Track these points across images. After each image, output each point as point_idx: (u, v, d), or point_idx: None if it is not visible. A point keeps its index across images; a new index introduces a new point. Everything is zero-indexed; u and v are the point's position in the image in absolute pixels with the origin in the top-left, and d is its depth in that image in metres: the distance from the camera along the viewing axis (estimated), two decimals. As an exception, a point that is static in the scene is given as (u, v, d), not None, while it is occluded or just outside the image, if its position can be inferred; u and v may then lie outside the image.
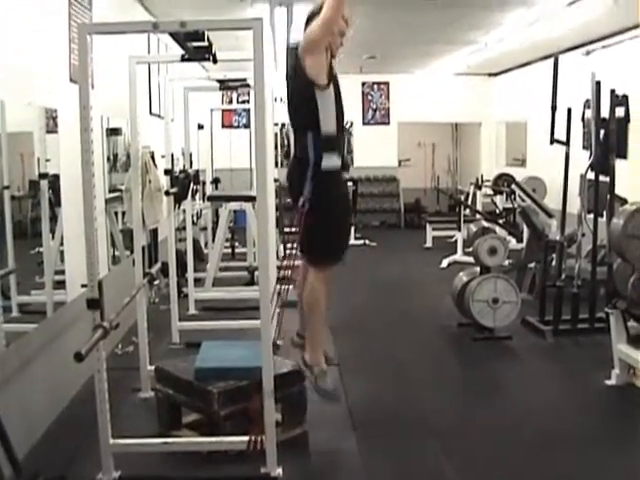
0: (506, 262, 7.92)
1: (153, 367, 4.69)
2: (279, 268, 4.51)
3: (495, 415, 4.83)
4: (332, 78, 4.05)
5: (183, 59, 4.34)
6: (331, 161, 4.03)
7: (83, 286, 3.64)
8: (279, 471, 3.73)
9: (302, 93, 4.04)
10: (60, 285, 4.97)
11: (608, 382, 5.26)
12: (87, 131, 3.42)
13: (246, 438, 3.73)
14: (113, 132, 6.67)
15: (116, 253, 6.68)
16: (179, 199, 6.37)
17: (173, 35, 3.86)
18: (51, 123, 4.84)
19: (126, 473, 3.76)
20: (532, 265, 8.03)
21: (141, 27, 3.62)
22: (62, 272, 5.00)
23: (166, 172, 6.08)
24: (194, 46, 4.04)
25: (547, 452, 4.16)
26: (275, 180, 7.71)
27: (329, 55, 4.05)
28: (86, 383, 4.96)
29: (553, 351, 6.22)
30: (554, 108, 6.65)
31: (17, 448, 3.45)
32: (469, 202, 12.63)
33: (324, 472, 3.99)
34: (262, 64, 3.42)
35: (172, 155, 6.24)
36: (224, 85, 6.49)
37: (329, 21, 3.86)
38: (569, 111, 6.67)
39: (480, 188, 13.01)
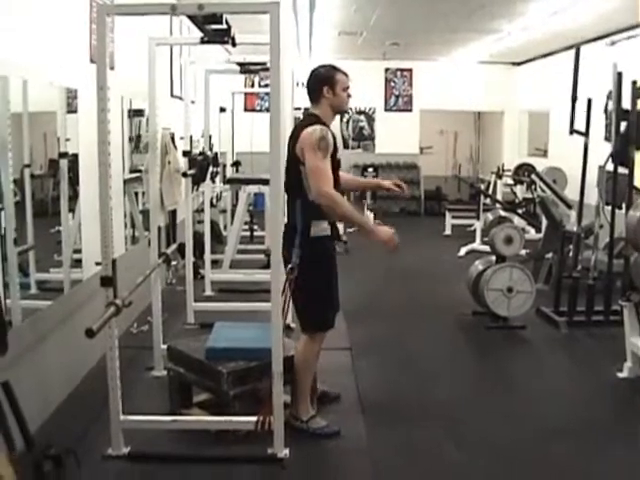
0: (523, 252, 7.92)
1: (166, 346, 4.76)
2: None
3: (506, 404, 4.84)
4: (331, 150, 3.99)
5: (202, 42, 4.36)
6: (320, 228, 4.02)
7: (97, 264, 3.69)
8: (286, 452, 3.79)
9: (292, 163, 4.03)
10: (78, 263, 5.03)
11: (620, 374, 5.26)
12: (104, 111, 3.47)
13: (254, 418, 3.79)
14: (136, 113, 6.72)
15: (135, 233, 6.74)
16: (197, 181, 6.41)
17: (191, 18, 3.89)
18: (72, 103, 4.89)
19: (135, 449, 3.84)
20: (549, 256, 8.01)
21: (159, 9, 3.63)
22: (80, 251, 5.07)
23: (184, 154, 6.11)
24: (213, 29, 4.06)
25: (557, 442, 4.17)
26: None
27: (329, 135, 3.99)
28: (101, 360, 5.03)
29: (567, 342, 6.22)
30: (574, 99, 6.62)
31: (30, 422, 3.51)
32: (489, 191, 12.59)
33: (330, 454, 4.02)
34: (278, 48, 3.45)
35: (190, 137, 6.26)
36: (244, 68, 6.51)
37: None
38: (589, 102, 6.63)
39: (501, 177, 12.95)
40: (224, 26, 3.96)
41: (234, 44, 4.32)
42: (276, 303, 3.72)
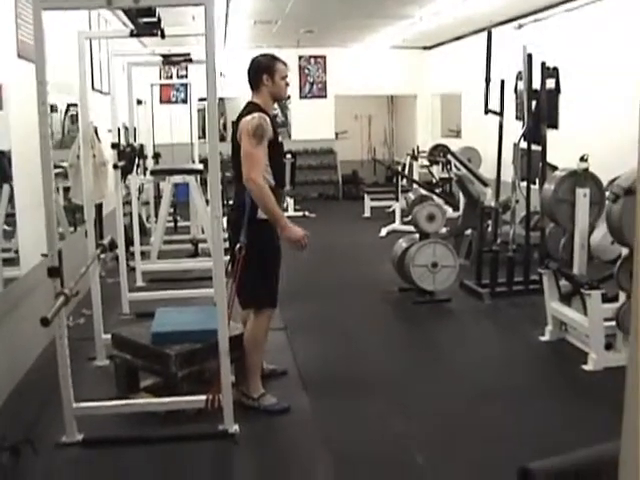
0: (443, 230, 8.21)
1: (108, 336, 4.84)
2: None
3: (437, 371, 5.12)
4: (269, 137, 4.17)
5: (132, 34, 4.44)
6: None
7: (44, 255, 3.76)
8: (236, 428, 3.94)
9: (236, 149, 4.20)
10: (9, 262, 5.01)
11: (542, 338, 5.58)
12: (44, 105, 3.54)
13: (203, 397, 3.92)
14: (51, 109, 6.68)
15: (60, 229, 6.71)
16: (126, 172, 6.46)
17: (125, 11, 3.98)
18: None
19: (89, 435, 3.93)
20: (468, 232, 8.31)
21: (95, 3, 3.71)
22: (8, 250, 5.05)
23: (113, 146, 6.15)
24: (144, 22, 4.15)
25: (487, 403, 4.44)
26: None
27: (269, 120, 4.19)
28: (42, 353, 5.09)
29: (491, 312, 6.53)
30: (488, 80, 6.91)
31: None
32: (406, 173, 12.90)
33: (278, 428, 4.19)
34: (213, 40, 3.58)
35: (119, 129, 6.31)
36: (167, 60, 6.57)
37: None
38: (502, 83, 6.93)
39: (416, 159, 13.29)
40: (155, 19, 4.05)
41: (163, 36, 4.41)
42: (220, 285, 3.85)
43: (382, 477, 3.65)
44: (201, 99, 8.29)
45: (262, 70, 4.32)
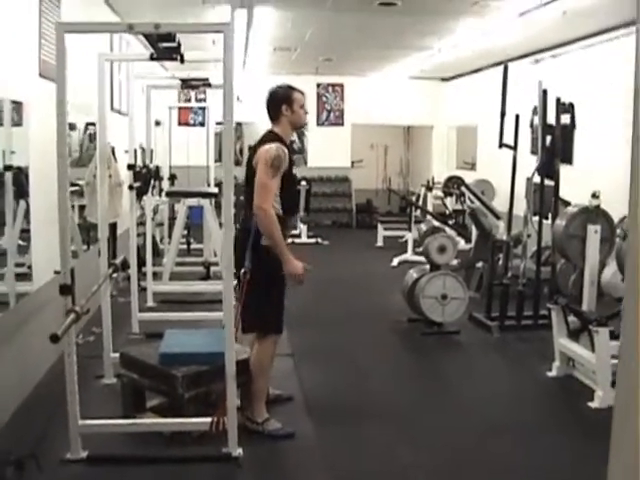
0: (454, 262, 8.23)
1: (116, 354, 4.86)
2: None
3: (444, 403, 5.11)
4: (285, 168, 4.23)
5: (152, 58, 4.49)
6: None
7: (56, 272, 3.80)
8: (240, 451, 3.95)
9: (251, 175, 4.26)
10: (22, 277, 5.06)
11: (549, 374, 5.57)
12: (63, 124, 3.60)
13: (208, 420, 3.94)
14: (70, 127, 6.76)
15: (73, 247, 6.75)
16: (141, 193, 6.52)
17: (146, 36, 4.04)
18: (16, 116, 4.94)
19: (93, 453, 3.95)
20: (480, 265, 8.32)
21: (117, 28, 3.80)
22: (20, 265, 5.09)
23: (129, 167, 6.21)
24: (164, 46, 4.20)
25: (493, 437, 4.43)
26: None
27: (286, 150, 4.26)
28: (51, 369, 5.11)
29: (499, 345, 6.52)
30: (503, 114, 6.95)
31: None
32: (420, 203, 12.93)
33: (282, 452, 4.20)
34: (232, 65, 3.63)
35: (135, 150, 6.37)
36: (186, 84, 6.65)
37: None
38: (517, 117, 6.97)
39: (431, 190, 13.32)
40: (175, 44, 4.11)
41: (182, 61, 4.46)
42: (228, 309, 3.88)
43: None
44: (218, 123, 8.34)
45: (281, 101, 4.41)
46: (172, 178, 10.79)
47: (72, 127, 6.84)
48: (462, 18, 8.53)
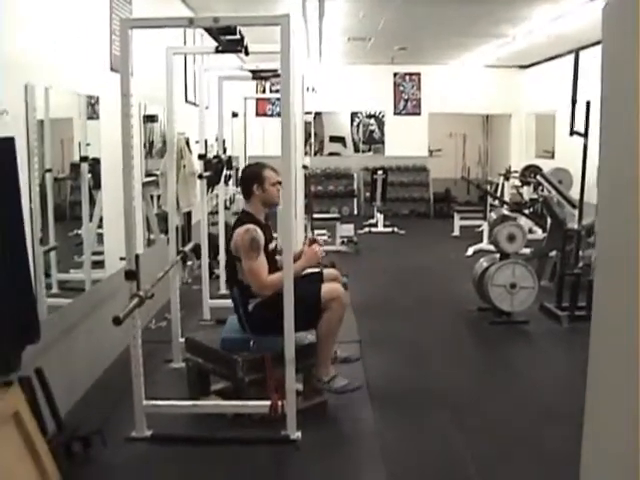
0: (527, 251, 8.15)
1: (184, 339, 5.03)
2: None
3: (508, 391, 5.10)
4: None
5: (217, 51, 4.62)
6: (255, 301, 4.41)
7: (122, 259, 3.96)
8: (298, 434, 4.06)
9: (229, 257, 4.50)
10: (96, 265, 5.27)
11: (617, 364, 5.49)
12: (127, 117, 3.75)
13: (268, 403, 4.05)
14: (150, 119, 6.96)
15: (151, 236, 6.97)
16: (212, 183, 6.66)
17: (207, 29, 4.15)
18: (92, 110, 5.15)
19: (157, 432, 4.11)
20: (553, 254, 8.22)
21: (178, 22, 3.93)
22: (98, 253, 5.31)
23: (200, 157, 6.37)
24: (227, 39, 4.31)
25: (552, 427, 4.40)
26: (305, 167, 7.94)
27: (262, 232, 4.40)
28: (122, 353, 5.31)
29: (568, 335, 6.45)
30: (574, 101, 6.85)
31: (60, 406, 3.80)
32: (498, 193, 12.81)
33: (340, 436, 4.28)
34: (288, 57, 3.72)
35: (205, 141, 6.52)
36: (256, 75, 6.76)
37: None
38: (587, 104, 6.85)
39: (508, 179, 13.18)
40: (237, 37, 4.21)
41: (247, 53, 4.57)
42: (288, 294, 3.96)
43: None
44: (306, 112, 8.47)
45: (251, 180, 4.56)
46: (248, 168, 10.93)
47: (154, 119, 7.06)
48: (536, 4, 8.44)
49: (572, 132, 6.84)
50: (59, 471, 3.27)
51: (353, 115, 15.92)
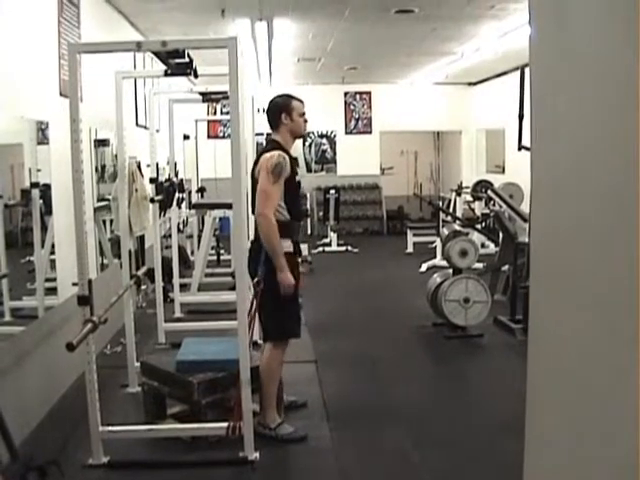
0: (480, 265, 8.25)
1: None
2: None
3: (463, 406, 5.15)
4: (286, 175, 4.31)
5: (166, 74, 4.63)
6: (283, 246, 4.30)
7: (74, 284, 3.93)
8: (256, 455, 4.05)
9: (256, 186, 4.37)
10: (49, 291, 5.22)
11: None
12: (77, 142, 3.74)
13: (225, 424, 4.04)
14: (101, 143, 6.92)
15: (104, 261, 6.92)
16: (164, 206, 6.64)
17: (156, 53, 4.17)
18: (41, 135, 5.12)
19: (114, 458, 4.07)
20: (506, 267, 8.32)
21: (126, 46, 3.94)
22: (51, 279, 5.26)
23: (151, 180, 6.36)
24: (176, 62, 4.33)
25: (507, 440, 4.42)
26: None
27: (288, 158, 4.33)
28: (77, 379, 5.25)
29: (522, 348, 6.39)
30: (521, 117, 6.96)
31: (14, 436, 3.74)
32: (450, 208, 12.94)
33: (298, 456, 4.29)
34: (237, 79, 3.75)
35: (157, 164, 6.51)
36: (206, 97, 6.78)
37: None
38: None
39: (460, 194, 13.33)
40: (186, 60, 4.23)
41: (196, 75, 4.59)
42: (242, 316, 3.98)
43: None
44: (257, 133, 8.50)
45: (280, 109, 4.48)
46: (201, 190, 10.95)
47: (105, 143, 7.03)
48: (481, 22, 8.59)
49: (520, 147, 6.95)
50: (14, 501, 3.22)
51: (305, 135, 15.96)
